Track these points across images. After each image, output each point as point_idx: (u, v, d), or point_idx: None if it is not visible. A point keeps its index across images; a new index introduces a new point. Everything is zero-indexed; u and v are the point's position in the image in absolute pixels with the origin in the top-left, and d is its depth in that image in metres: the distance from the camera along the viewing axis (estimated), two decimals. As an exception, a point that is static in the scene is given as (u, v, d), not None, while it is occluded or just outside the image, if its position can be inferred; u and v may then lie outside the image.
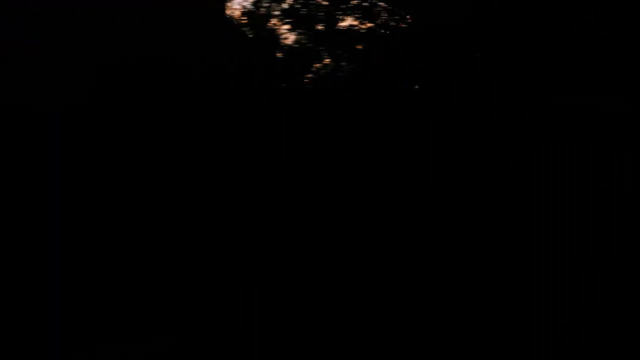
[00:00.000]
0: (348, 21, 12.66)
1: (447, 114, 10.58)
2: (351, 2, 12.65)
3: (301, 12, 12.76)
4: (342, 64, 12.50)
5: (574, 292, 9.88)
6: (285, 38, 13.02)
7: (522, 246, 9.95)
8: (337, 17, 12.74)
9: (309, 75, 12.86)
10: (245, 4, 16.10)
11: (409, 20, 12.47)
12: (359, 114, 10.50)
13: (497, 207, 10.13)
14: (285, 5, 13.19)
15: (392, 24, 12.42)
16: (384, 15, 12.51)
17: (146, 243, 9.38)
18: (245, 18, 13.59)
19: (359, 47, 12.30)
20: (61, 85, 9.47)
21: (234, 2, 17.79)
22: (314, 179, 9.98)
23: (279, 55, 12.92)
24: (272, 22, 13.22)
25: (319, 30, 12.84)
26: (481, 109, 10.66)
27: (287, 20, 13.12)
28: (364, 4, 12.58)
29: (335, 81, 12.62)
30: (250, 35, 12.99)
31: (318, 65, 12.86)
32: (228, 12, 14.10)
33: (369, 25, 12.61)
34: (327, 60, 12.87)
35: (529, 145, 10.16)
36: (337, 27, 12.59)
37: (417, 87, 11.46)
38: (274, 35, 13.06)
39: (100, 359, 8.51)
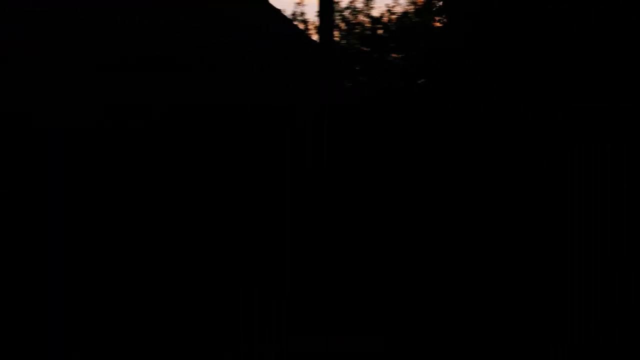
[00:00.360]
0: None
1: (480, 114, 10.53)
2: None
3: None
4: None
5: (608, 291, 9.71)
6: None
7: (557, 245, 9.85)
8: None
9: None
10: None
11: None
12: (391, 116, 10.52)
13: (531, 207, 10.05)
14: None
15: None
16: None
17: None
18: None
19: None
20: (61, 88, 9.30)
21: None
22: (352, 183, 9.93)
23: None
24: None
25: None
26: (515, 108, 10.59)
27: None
28: None
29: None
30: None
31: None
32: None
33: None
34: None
35: (563, 145, 10.09)
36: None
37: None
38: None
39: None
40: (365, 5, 15.91)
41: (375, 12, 16.97)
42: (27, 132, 8.95)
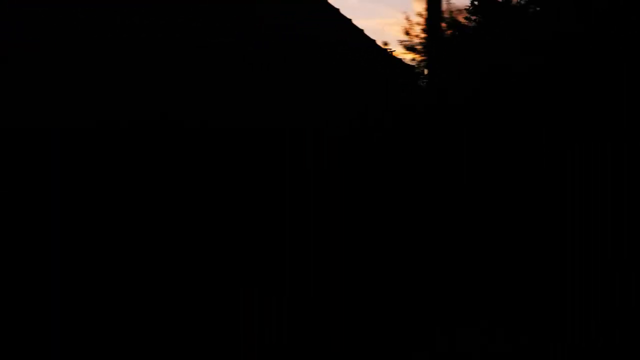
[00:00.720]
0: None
1: (479, 115, 10.61)
2: None
3: None
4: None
5: (608, 291, 9.75)
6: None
7: (557, 244, 9.88)
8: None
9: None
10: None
11: None
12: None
13: (531, 207, 10.09)
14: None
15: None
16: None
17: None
18: None
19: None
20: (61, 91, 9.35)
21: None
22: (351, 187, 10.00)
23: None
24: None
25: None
26: (514, 110, 10.66)
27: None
28: None
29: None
30: None
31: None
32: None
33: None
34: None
35: (563, 145, 10.15)
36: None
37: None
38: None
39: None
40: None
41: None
42: (29, 132, 9.01)
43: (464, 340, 8.91)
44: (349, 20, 11.14)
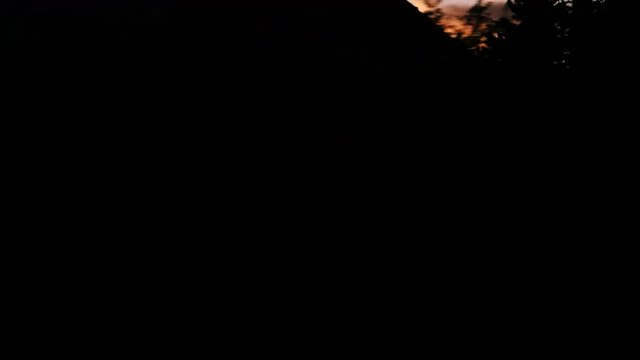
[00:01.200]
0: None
1: (486, 116, 10.67)
2: None
3: None
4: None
5: (612, 291, 9.78)
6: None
7: (561, 244, 9.91)
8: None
9: None
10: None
11: None
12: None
13: (536, 206, 10.12)
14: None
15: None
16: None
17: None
18: None
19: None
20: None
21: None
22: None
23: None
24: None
25: None
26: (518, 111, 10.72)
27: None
28: None
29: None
30: None
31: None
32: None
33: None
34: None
35: (567, 144, 10.19)
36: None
37: None
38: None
39: None
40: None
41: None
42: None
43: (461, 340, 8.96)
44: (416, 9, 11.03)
